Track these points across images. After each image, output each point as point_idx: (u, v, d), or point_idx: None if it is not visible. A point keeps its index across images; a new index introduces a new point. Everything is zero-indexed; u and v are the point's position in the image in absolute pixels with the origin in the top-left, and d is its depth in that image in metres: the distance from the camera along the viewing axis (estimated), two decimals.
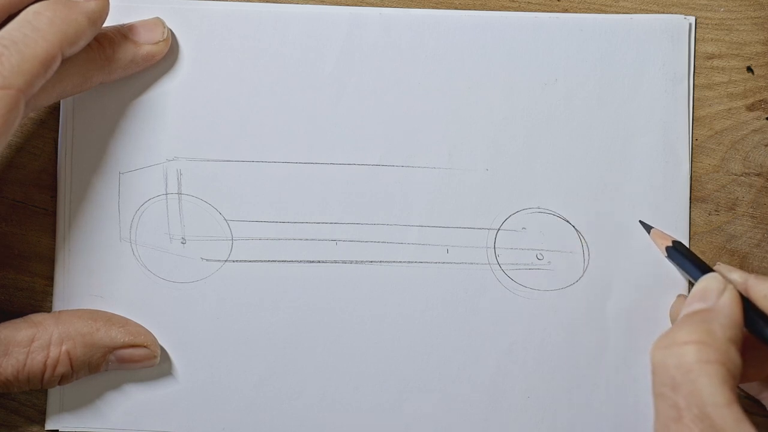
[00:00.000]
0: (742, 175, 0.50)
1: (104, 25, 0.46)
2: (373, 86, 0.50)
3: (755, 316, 0.42)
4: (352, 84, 0.50)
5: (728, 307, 0.41)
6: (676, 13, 0.50)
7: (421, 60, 0.50)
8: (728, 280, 0.43)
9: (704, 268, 0.45)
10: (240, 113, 0.50)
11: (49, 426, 0.50)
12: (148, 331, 0.49)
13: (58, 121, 0.50)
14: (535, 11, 0.50)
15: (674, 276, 0.49)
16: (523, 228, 0.50)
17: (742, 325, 0.41)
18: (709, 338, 0.39)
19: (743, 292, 0.43)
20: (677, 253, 0.47)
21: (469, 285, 0.50)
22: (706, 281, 0.43)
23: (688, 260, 0.46)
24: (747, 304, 0.42)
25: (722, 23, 0.50)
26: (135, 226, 0.50)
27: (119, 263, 0.50)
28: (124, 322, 0.48)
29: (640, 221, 0.49)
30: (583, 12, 0.50)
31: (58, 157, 0.50)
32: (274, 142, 0.50)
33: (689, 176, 0.50)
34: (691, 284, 0.49)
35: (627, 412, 0.49)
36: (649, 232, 0.49)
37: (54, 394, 0.50)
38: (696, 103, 0.50)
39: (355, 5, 0.50)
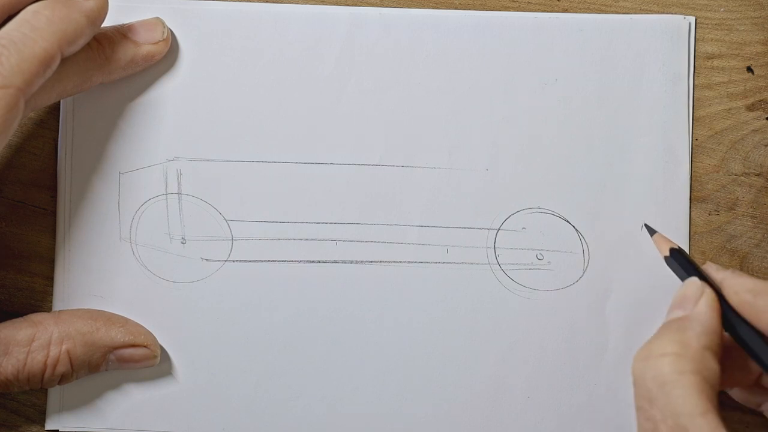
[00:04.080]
0: (742, 175, 0.50)
1: (104, 24, 0.46)
2: (373, 86, 0.50)
3: (731, 317, 0.42)
4: (352, 84, 0.50)
5: (704, 314, 0.41)
6: (676, 13, 0.50)
7: (421, 60, 0.50)
8: (712, 282, 0.43)
9: (691, 274, 0.45)
10: (240, 113, 0.50)
11: (49, 426, 0.50)
12: (148, 331, 0.49)
13: (58, 121, 0.50)
14: (535, 11, 0.50)
15: (674, 276, 0.49)
16: (523, 228, 0.50)
17: (719, 331, 0.41)
18: (683, 349, 0.39)
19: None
20: (672, 259, 0.47)
21: (469, 285, 0.50)
22: (685, 288, 0.43)
23: (681, 266, 0.46)
24: (725, 306, 0.42)
25: (722, 23, 0.50)
26: (135, 226, 0.50)
27: (119, 263, 0.50)
28: (123, 322, 0.48)
29: (645, 224, 0.49)
30: (583, 12, 0.50)
31: (58, 157, 0.50)
32: (274, 142, 0.50)
33: (689, 176, 0.50)
34: None
35: (627, 412, 0.49)
36: (652, 236, 0.49)
37: (54, 394, 0.50)
38: (696, 103, 0.50)
39: (355, 5, 0.50)
